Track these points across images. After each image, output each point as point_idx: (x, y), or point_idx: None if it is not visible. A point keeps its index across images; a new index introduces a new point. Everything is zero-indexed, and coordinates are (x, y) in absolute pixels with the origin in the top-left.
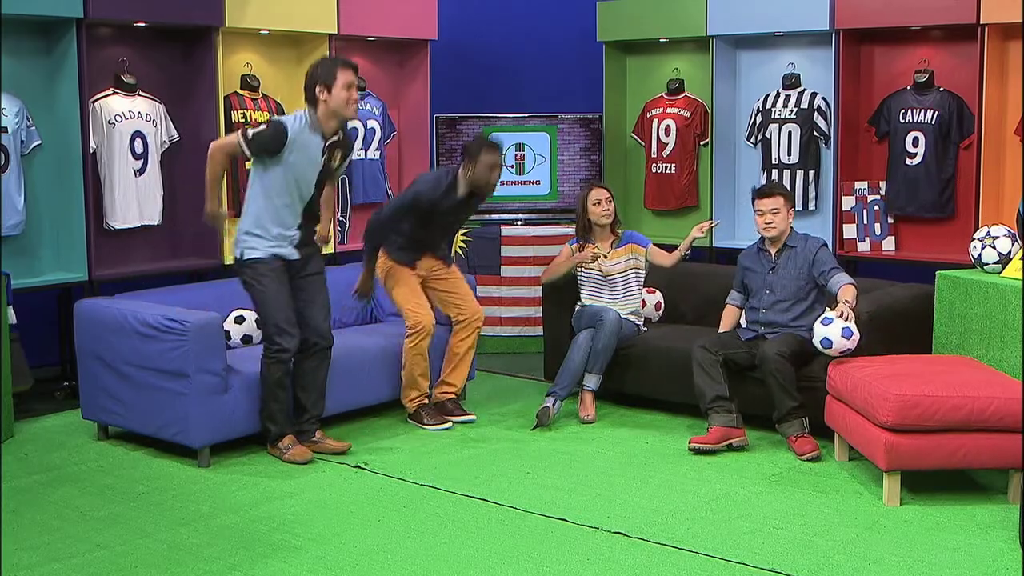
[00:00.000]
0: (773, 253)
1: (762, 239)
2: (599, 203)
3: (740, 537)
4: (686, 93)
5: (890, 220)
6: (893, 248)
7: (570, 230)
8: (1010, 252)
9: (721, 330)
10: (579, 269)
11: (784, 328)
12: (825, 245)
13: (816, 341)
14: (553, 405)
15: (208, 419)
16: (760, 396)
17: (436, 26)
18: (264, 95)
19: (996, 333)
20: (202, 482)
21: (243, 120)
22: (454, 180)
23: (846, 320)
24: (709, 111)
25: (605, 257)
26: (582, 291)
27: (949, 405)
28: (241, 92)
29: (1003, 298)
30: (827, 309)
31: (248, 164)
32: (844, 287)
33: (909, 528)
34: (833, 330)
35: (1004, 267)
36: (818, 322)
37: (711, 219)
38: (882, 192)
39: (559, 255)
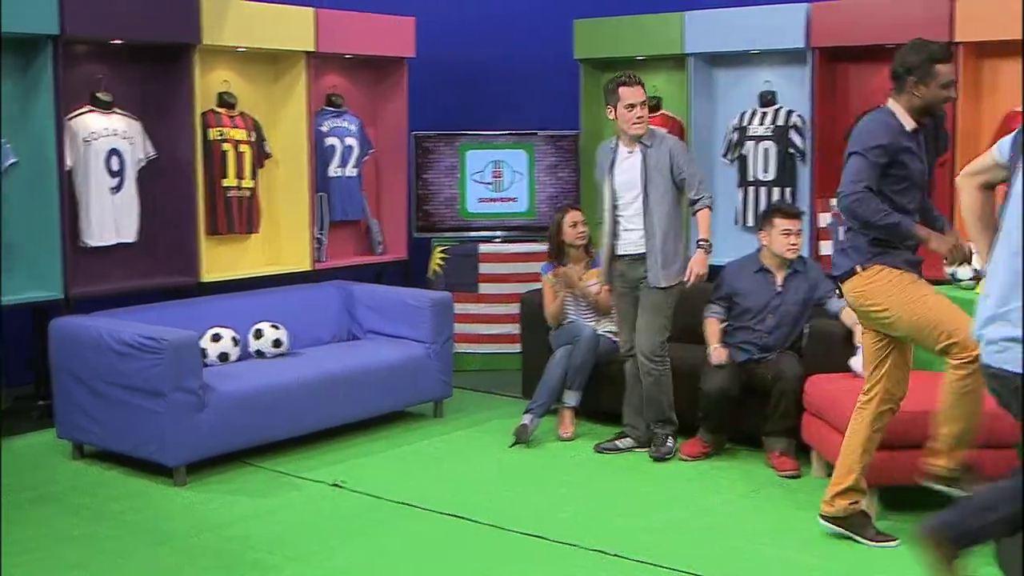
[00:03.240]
0: (780, 277)
1: (759, 258)
2: (575, 225)
3: (718, 553)
4: (663, 111)
5: None
6: None
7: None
8: (984, 268)
9: (713, 344)
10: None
11: (780, 351)
12: (819, 265)
13: (858, 365)
14: (531, 422)
15: (184, 437)
16: (741, 413)
17: (414, 44)
18: (241, 113)
19: None
20: (178, 501)
21: (220, 138)
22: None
23: None
24: (686, 128)
25: (580, 279)
26: None
27: (925, 421)
28: (218, 109)
29: None
30: (860, 349)
31: None
32: (845, 310)
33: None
34: None
35: (979, 283)
36: (858, 359)
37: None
38: None
39: (544, 290)
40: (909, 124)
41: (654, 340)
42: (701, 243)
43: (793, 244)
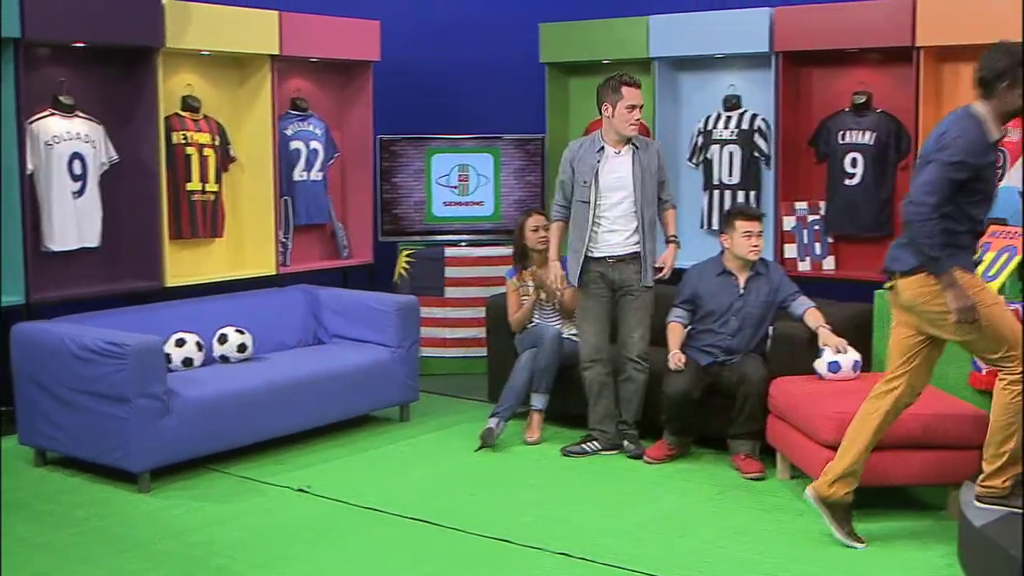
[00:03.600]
0: (742, 279)
1: (721, 261)
2: (537, 230)
3: (684, 556)
4: None
5: (830, 240)
6: (833, 267)
7: None
8: None
9: (673, 349)
10: (527, 294)
11: (744, 354)
12: (781, 268)
13: (823, 367)
14: (497, 426)
15: (148, 443)
16: (706, 415)
17: (379, 47)
18: (205, 116)
19: None
20: (143, 507)
21: (184, 141)
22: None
23: (844, 351)
24: (651, 132)
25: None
26: None
27: (894, 424)
28: (182, 113)
29: None
30: (826, 351)
31: None
32: (809, 312)
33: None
34: (844, 360)
35: None
36: (823, 361)
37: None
38: (822, 212)
39: (509, 296)
40: (995, 133)
41: (646, 340)
42: (673, 239)
43: (755, 246)
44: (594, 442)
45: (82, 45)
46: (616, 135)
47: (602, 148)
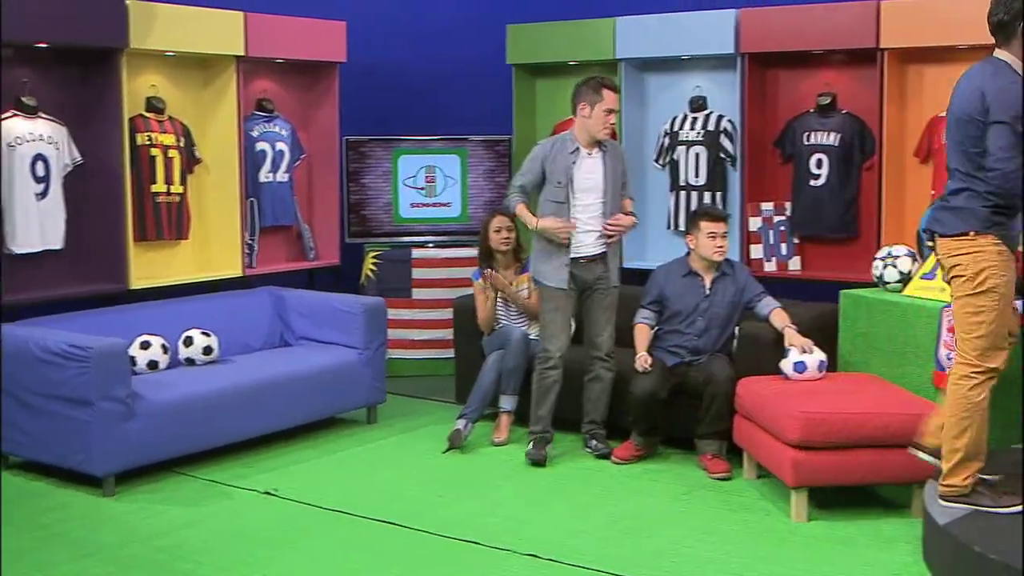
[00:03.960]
0: (708, 280)
1: (687, 262)
2: (499, 231)
3: (651, 556)
4: None
5: (795, 240)
6: (799, 268)
7: None
8: (911, 271)
9: (640, 351)
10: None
11: (711, 354)
12: (747, 268)
13: (789, 367)
14: (465, 427)
15: (113, 447)
16: (673, 416)
17: (345, 48)
18: (170, 117)
19: (898, 351)
20: (107, 511)
21: (148, 143)
22: None
23: (810, 351)
24: (618, 133)
25: (511, 284)
26: None
27: (854, 422)
28: (146, 114)
29: (905, 316)
30: (792, 351)
31: None
32: (775, 312)
33: (816, 544)
34: (809, 360)
35: (905, 286)
36: (789, 361)
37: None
38: (787, 213)
39: (476, 297)
40: None
41: (614, 339)
42: (631, 214)
43: (719, 246)
44: (548, 444)
45: (45, 46)
46: (588, 137)
47: (577, 149)
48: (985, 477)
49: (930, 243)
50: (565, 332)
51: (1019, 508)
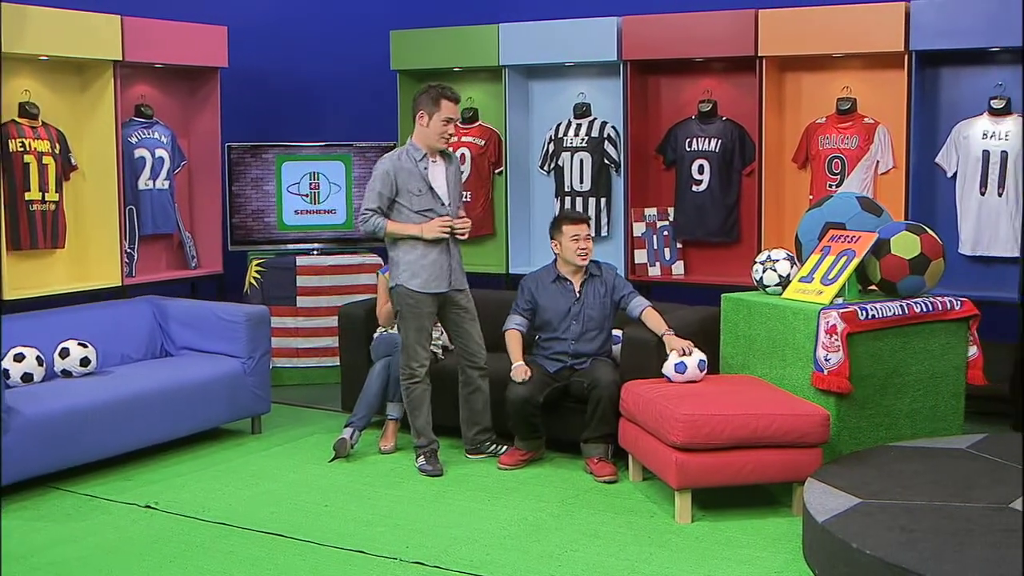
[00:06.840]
0: (577, 283)
1: (554, 268)
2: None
3: (537, 561)
4: (480, 122)
5: (679, 245)
6: (682, 272)
7: (367, 259)
8: (789, 274)
9: (515, 361)
10: None
11: (593, 357)
12: (614, 269)
13: (670, 370)
14: (351, 436)
15: None
16: (559, 420)
17: (226, 53)
18: (44, 123)
19: (778, 352)
20: None
21: (22, 149)
22: None
23: (689, 353)
24: (503, 139)
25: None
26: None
27: (735, 423)
28: (19, 120)
29: (784, 318)
30: (672, 353)
31: None
32: (646, 312)
33: (700, 544)
34: (689, 361)
35: (784, 289)
36: (670, 363)
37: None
38: (671, 218)
39: (379, 290)
40: None
41: (484, 346)
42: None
43: (583, 248)
44: (437, 454)
45: None
46: (428, 145)
47: (424, 155)
48: None
49: None
50: (426, 343)
51: None
